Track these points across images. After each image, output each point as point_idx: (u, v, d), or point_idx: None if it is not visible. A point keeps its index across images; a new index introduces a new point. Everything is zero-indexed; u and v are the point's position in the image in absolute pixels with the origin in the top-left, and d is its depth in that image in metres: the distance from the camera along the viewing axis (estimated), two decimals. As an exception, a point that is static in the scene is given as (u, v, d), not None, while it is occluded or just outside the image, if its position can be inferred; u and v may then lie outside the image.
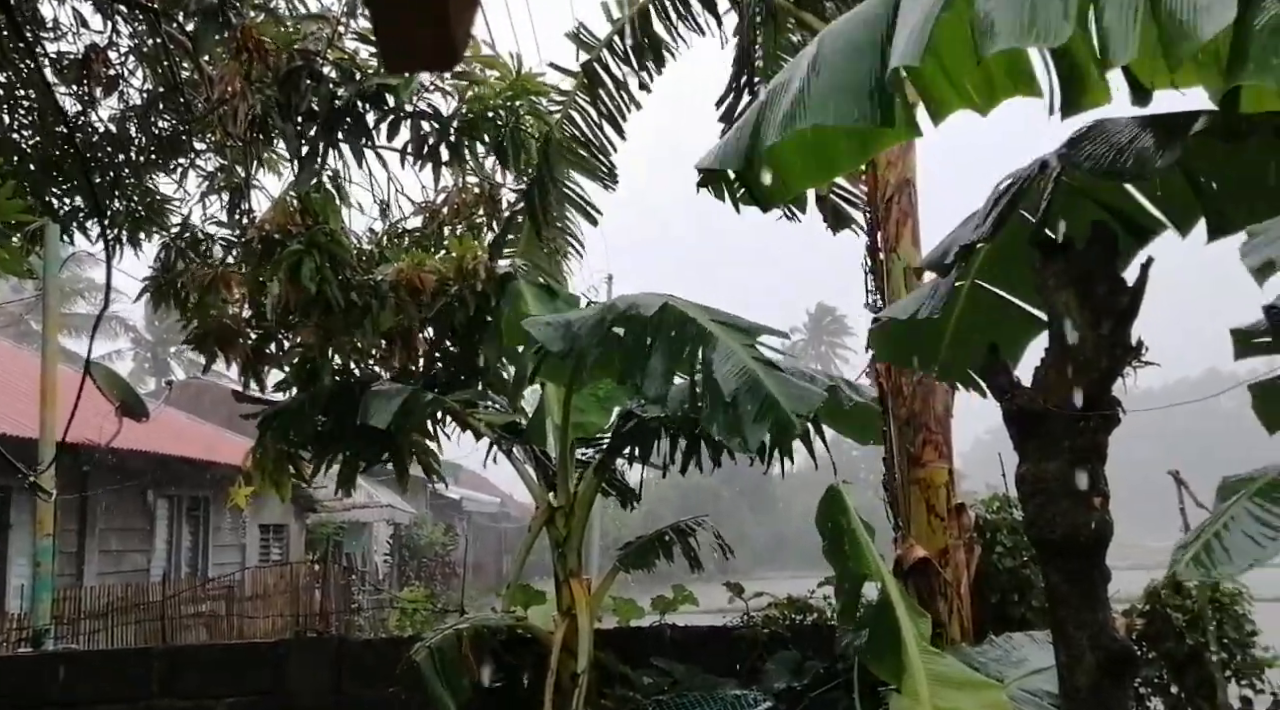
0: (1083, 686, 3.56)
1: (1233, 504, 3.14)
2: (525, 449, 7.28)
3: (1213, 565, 3.03)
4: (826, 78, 3.23)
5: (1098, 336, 3.60)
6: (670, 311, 5.16)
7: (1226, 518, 3.09)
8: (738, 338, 4.96)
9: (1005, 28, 3.02)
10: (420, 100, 7.01)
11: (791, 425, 4.39)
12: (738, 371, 4.69)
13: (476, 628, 6.66)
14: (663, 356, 5.02)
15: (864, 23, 3.36)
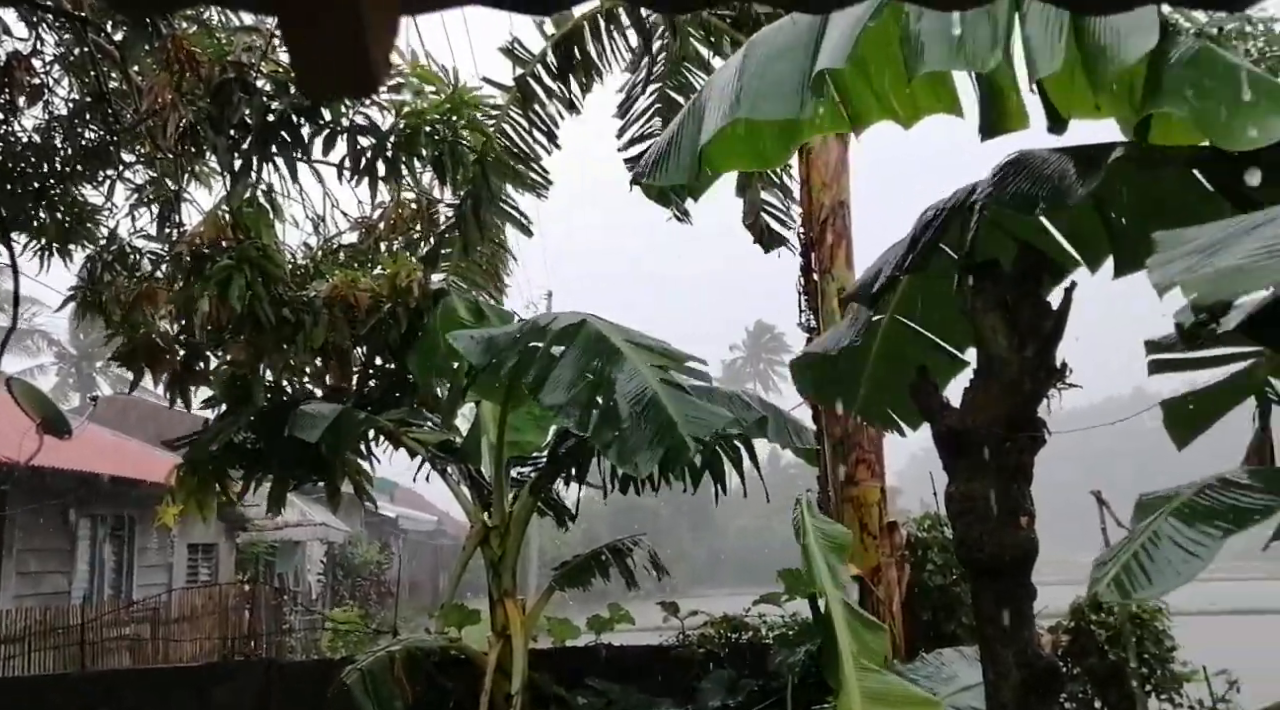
0: (1009, 703, 3.62)
1: (1150, 524, 3.22)
2: (460, 468, 7.21)
3: (1133, 588, 3.09)
4: (757, 77, 3.33)
5: (1023, 359, 3.68)
6: (586, 329, 5.24)
7: (1145, 538, 3.16)
8: (649, 360, 5.01)
9: (935, 50, 3.11)
10: (356, 114, 6.94)
11: (684, 450, 4.44)
12: (639, 393, 4.74)
13: (409, 649, 6.56)
14: (569, 370, 5.07)
15: (793, 29, 3.45)
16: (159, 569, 18.03)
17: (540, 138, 8.75)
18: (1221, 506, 3.06)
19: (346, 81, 0.95)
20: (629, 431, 4.58)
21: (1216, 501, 3.09)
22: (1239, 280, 2.10)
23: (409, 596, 27.89)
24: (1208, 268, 2.16)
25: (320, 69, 0.92)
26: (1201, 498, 3.13)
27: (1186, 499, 3.14)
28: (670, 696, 6.88)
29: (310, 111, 6.60)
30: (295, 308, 7.38)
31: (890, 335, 4.05)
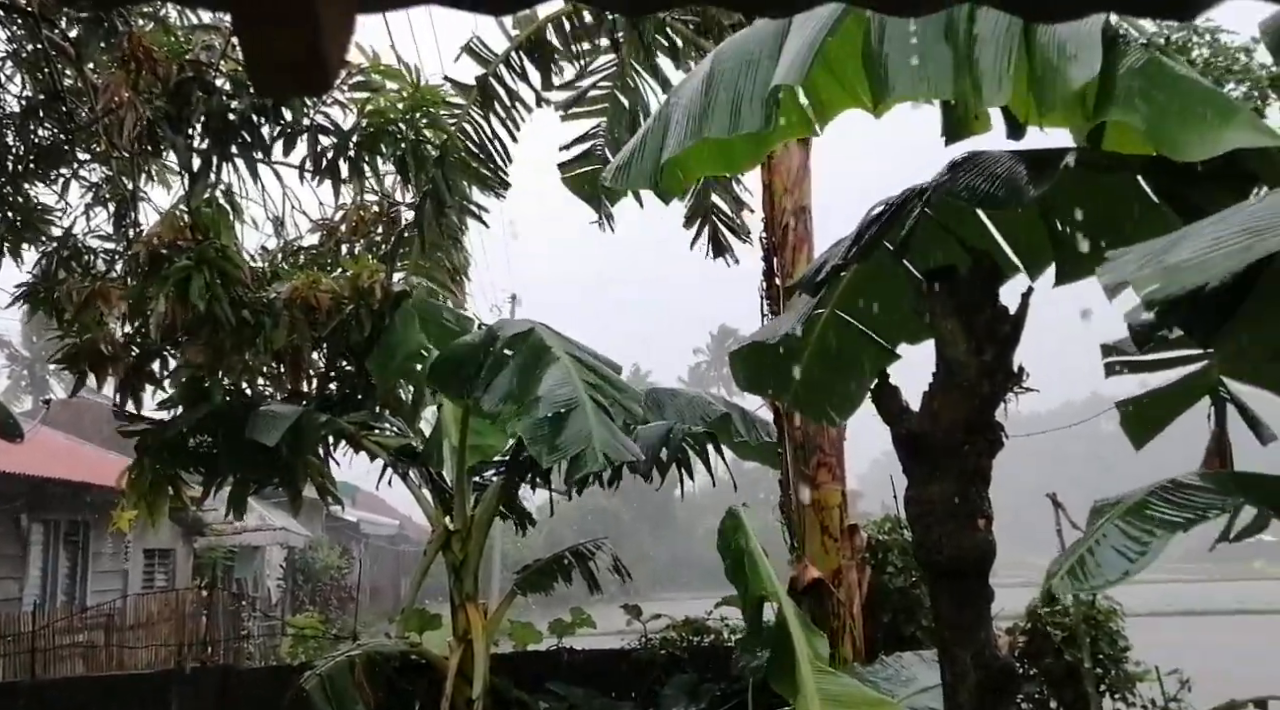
0: (966, 704, 3.66)
1: (1103, 523, 3.27)
2: (421, 471, 7.16)
3: (1085, 579, 3.15)
4: (724, 92, 3.38)
5: (981, 363, 3.72)
6: (533, 337, 5.35)
7: (1098, 536, 3.21)
8: (585, 375, 5.16)
9: (900, 79, 3.19)
10: (318, 114, 6.88)
11: (593, 463, 4.71)
12: (567, 399, 4.94)
13: (369, 654, 6.51)
14: (510, 375, 5.28)
15: (758, 38, 3.49)
16: (114, 575, 17.73)
17: (501, 138, 8.72)
18: (1170, 507, 3.12)
19: (301, 80, 0.93)
20: (547, 425, 4.78)
21: (1166, 502, 3.15)
22: (1189, 275, 2.14)
23: (371, 602, 27.66)
24: (1158, 265, 2.21)
25: (274, 67, 0.91)
26: (1152, 498, 3.19)
27: (1137, 500, 3.20)
28: (632, 700, 6.88)
29: (271, 111, 6.54)
30: (255, 309, 7.29)
31: (829, 328, 4.10)
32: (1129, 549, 3.17)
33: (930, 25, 3.19)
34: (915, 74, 3.20)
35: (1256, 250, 2.09)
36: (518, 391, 5.23)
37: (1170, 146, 3.00)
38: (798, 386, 4.34)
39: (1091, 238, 3.89)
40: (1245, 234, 2.16)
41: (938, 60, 3.16)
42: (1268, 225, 2.16)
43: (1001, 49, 3.08)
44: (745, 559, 4.33)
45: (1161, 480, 3.27)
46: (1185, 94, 3.06)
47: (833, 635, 6.46)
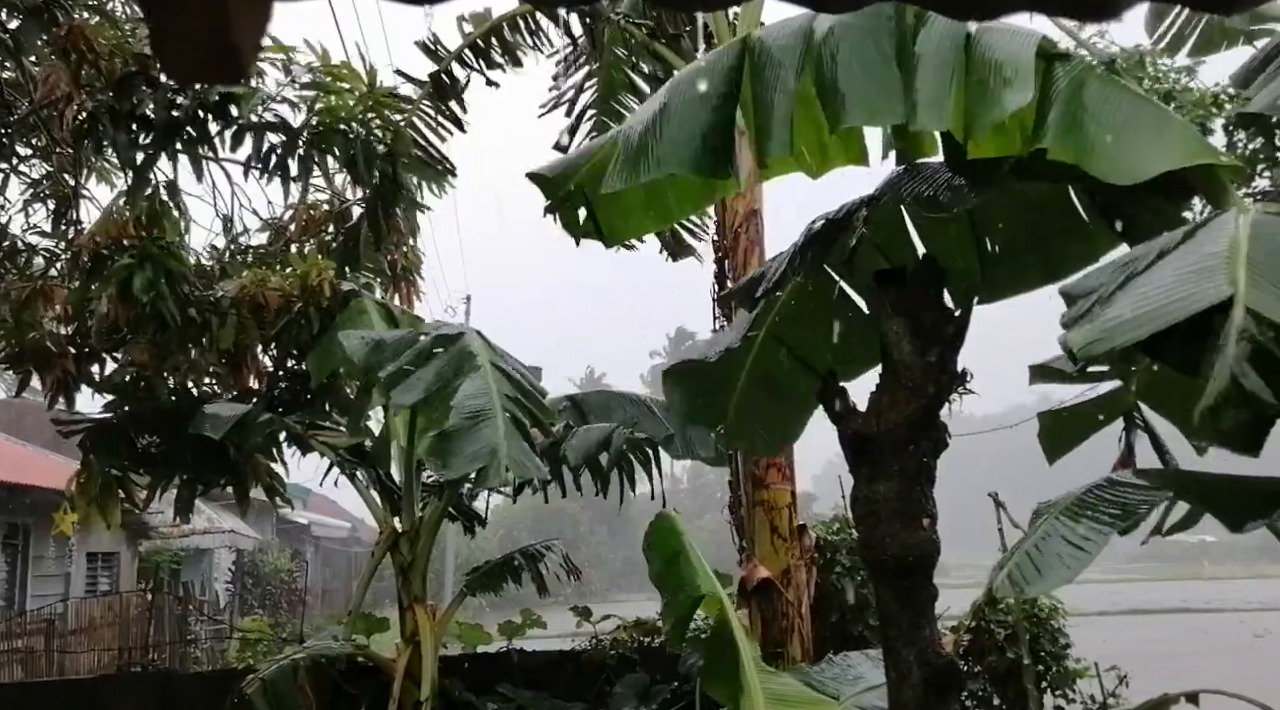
0: (910, 702, 3.70)
1: (1043, 523, 3.32)
2: (370, 472, 7.09)
3: (1025, 582, 3.19)
4: (673, 129, 3.33)
5: (925, 364, 3.77)
6: (460, 342, 5.50)
7: (1038, 537, 3.26)
8: (506, 388, 5.17)
9: (855, 107, 3.21)
10: (266, 111, 6.79)
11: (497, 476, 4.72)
12: (479, 409, 4.97)
13: (314, 657, 6.42)
14: (428, 375, 5.31)
15: (710, 74, 3.46)
16: (55, 579, 17.35)
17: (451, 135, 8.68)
18: (1108, 504, 3.17)
19: (212, 66, 0.92)
20: (454, 433, 4.81)
21: (1103, 500, 3.21)
22: (1124, 332, 2.21)
23: (322, 604, 27.35)
24: (1097, 322, 2.28)
25: (182, 52, 0.90)
26: (1089, 497, 3.24)
27: (1076, 498, 3.26)
28: (582, 701, 6.87)
29: (218, 107, 6.44)
30: (201, 308, 7.17)
31: (764, 353, 4.12)
32: (1069, 549, 3.21)
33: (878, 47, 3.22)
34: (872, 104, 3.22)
35: (1191, 306, 2.15)
36: (432, 396, 5.24)
37: (1106, 171, 3.06)
38: (732, 416, 4.35)
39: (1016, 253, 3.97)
40: (1177, 290, 2.22)
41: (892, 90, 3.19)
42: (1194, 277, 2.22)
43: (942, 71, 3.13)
44: (680, 559, 4.32)
45: (1098, 478, 3.33)
46: (1125, 115, 3.12)
47: (781, 635, 6.51)
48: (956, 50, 3.18)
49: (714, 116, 3.23)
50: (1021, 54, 3.07)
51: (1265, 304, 2.02)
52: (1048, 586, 3.25)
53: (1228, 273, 2.17)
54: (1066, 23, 5.41)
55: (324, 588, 31.80)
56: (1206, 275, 2.23)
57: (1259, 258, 2.22)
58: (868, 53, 3.19)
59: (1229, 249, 2.28)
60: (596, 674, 7.16)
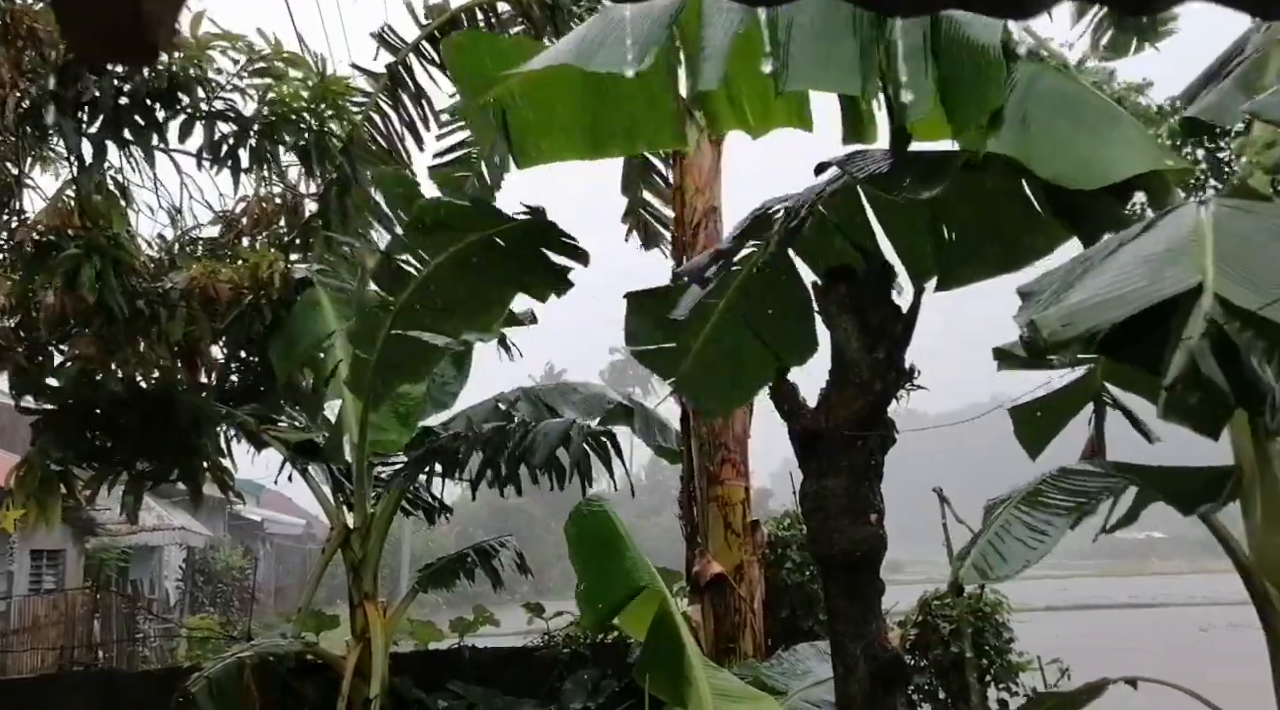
0: (856, 695, 3.74)
1: (1002, 513, 3.38)
2: (322, 467, 7.02)
3: (990, 569, 3.24)
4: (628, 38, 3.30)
5: (873, 361, 3.81)
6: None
7: (998, 526, 3.32)
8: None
9: (802, 69, 3.19)
10: (217, 100, 6.68)
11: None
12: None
13: (262, 655, 6.34)
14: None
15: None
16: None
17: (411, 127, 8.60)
18: (1065, 493, 3.23)
19: (122, 46, 0.90)
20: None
21: (1060, 489, 3.27)
22: (1087, 316, 2.24)
23: (276, 602, 27.03)
24: (1060, 306, 2.31)
25: (90, 30, 0.88)
26: (1045, 487, 3.30)
27: (1033, 488, 3.31)
28: (533, 698, 6.85)
29: (167, 95, 6.33)
30: (150, 299, 7.05)
31: (722, 323, 4.13)
32: (1031, 535, 3.27)
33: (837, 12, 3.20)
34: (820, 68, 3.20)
35: (1152, 296, 2.19)
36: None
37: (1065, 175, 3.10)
38: (689, 368, 4.33)
39: (974, 242, 4.01)
40: (1141, 276, 2.26)
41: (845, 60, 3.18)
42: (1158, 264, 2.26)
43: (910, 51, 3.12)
44: (610, 549, 4.29)
45: (1052, 469, 3.39)
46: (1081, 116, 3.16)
47: (734, 630, 6.54)
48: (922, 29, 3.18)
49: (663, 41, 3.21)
50: (991, 43, 3.06)
51: (1234, 292, 2.07)
52: (1012, 572, 3.30)
53: (1195, 261, 2.21)
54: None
55: (277, 585, 31.43)
56: (1172, 263, 2.26)
57: (1226, 247, 2.26)
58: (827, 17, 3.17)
59: (1194, 238, 2.32)
60: (548, 670, 7.15)
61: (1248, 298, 2.07)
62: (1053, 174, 3.05)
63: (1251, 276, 2.14)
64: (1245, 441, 3.13)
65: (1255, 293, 2.08)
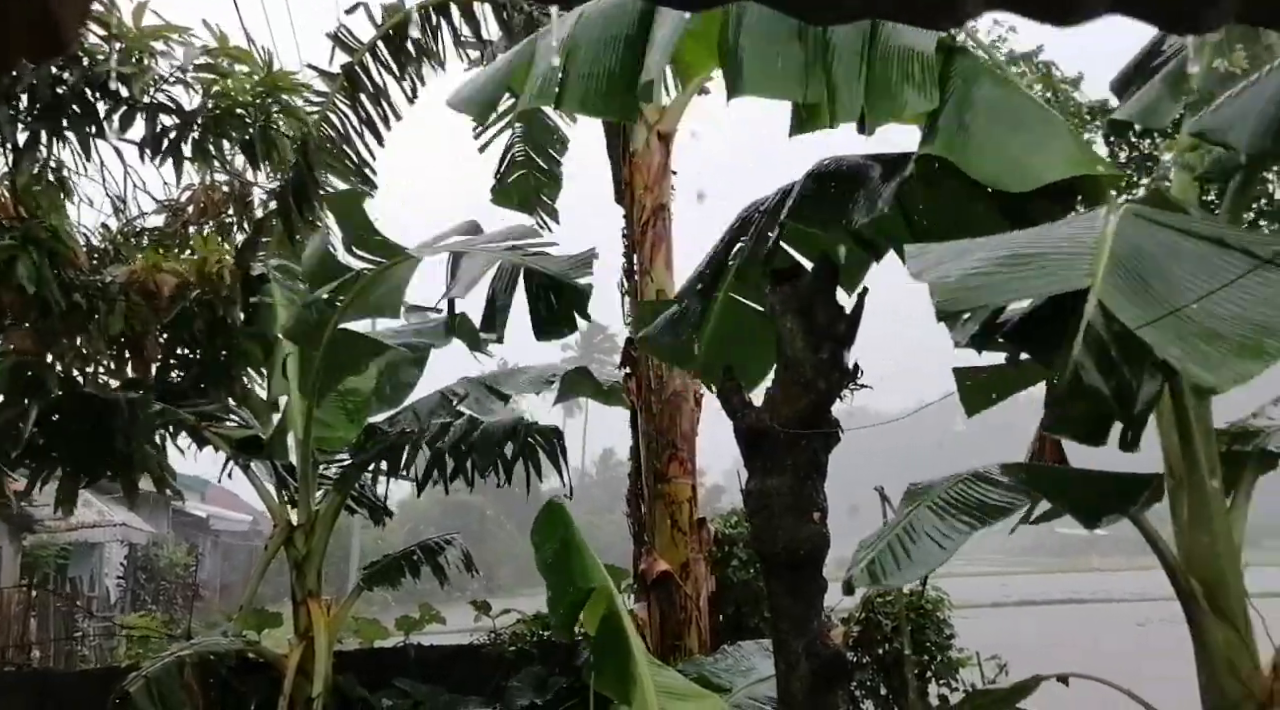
0: (798, 692, 3.78)
1: (907, 516, 3.42)
2: (266, 464, 6.93)
3: (884, 575, 3.28)
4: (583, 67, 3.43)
5: (817, 360, 3.86)
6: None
7: (900, 529, 3.35)
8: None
9: (753, 79, 3.28)
10: (159, 92, 6.56)
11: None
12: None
13: (202, 654, 6.25)
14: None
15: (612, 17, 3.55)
16: (-69, 574, 16.55)
17: (366, 128, 8.51)
18: (971, 501, 3.27)
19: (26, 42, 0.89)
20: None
21: (968, 496, 3.31)
22: (982, 294, 2.28)
23: (221, 599, 26.60)
24: (956, 272, 2.34)
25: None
26: (954, 492, 3.34)
27: (941, 493, 3.35)
28: (479, 696, 6.83)
29: (106, 86, 6.20)
30: (89, 293, 6.91)
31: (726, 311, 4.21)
32: (930, 546, 3.31)
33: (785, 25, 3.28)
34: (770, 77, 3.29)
35: (1053, 287, 2.24)
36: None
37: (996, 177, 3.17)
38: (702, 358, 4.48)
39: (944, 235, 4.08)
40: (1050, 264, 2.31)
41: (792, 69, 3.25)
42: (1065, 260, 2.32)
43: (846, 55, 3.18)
44: (568, 551, 4.33)
45: (964, 473, 3.44)
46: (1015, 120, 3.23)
47: (679, 627, 6.58)
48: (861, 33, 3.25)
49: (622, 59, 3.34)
50: (926, 48, 3.13)
51: (1115, 302, 2.12)
52: (905, 581, 3.35)
53: (1090, 264, 2.27)
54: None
55: (223, 582, 30.95)
56: (1071, 263, 2.32)
57: (1120, 254, 2.32)
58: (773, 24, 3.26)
59: (1095, 242, 2.38)
60: (495, 668, 7.13)
61: (1129, 311, 2.11)
62: (987, 176, 3.11)
63: (1138, 290, 2.19)
64: (1174, 443, 3.22)
65: (1137, 307, 2.12)
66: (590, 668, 4.89)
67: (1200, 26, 1.23)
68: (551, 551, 4.31)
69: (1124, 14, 1.23)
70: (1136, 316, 2.11)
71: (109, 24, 6.22)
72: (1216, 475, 3.20)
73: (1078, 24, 1.22)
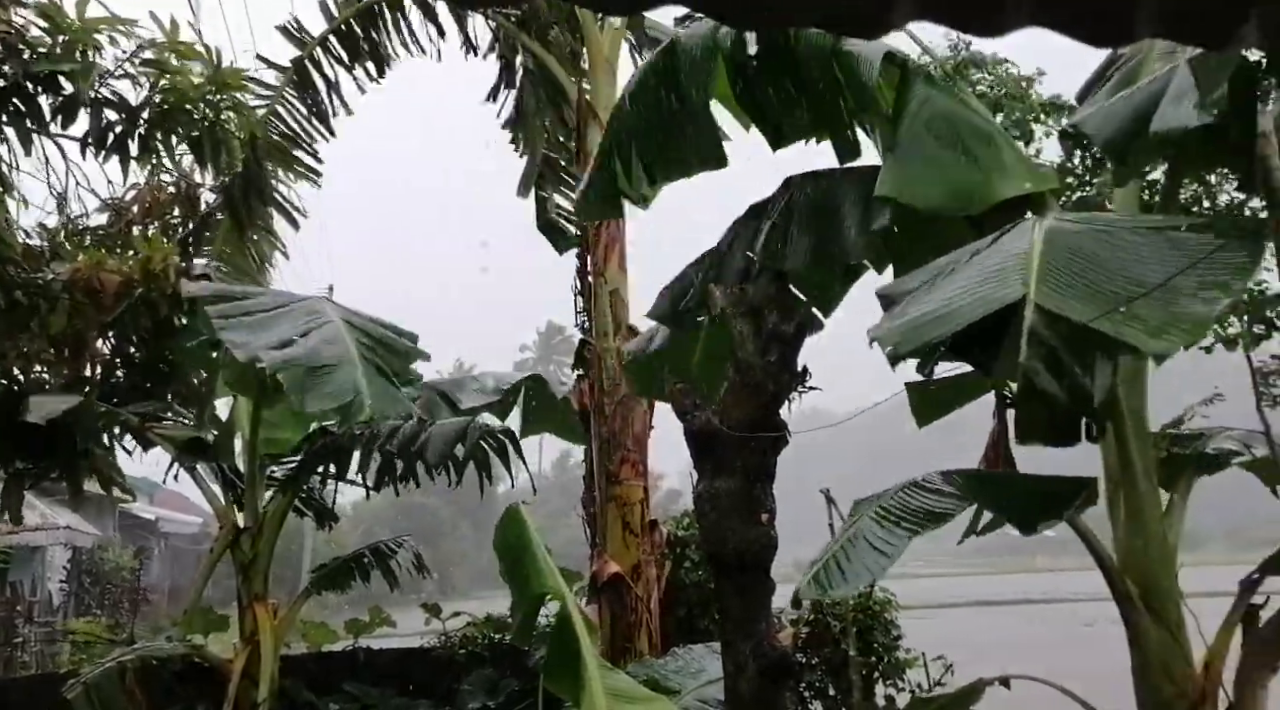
0: (746, 694, 3.79)
1: (852, 525, 3.45)
2: (212, 466, 6.82)
3: (830, 586, 3.31)
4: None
5: (767, 363, 3.88)
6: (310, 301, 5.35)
7: (845, 539, 3.38)
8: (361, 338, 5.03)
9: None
10: (104, 87, 6.44)
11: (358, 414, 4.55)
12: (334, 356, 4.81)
13: (144, 659, 6.14)
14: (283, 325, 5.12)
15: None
16: None
17: (316, 123, 8.42)
18: (912, 509, 3.31)
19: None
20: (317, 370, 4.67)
21: (908, 504, 3.35)
22: (929, 329, 2.33)
23: (170, 604, 26.12)
24: (901, 321, 2.39)
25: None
26: (895, 501, 3.38)
27: (884, 502, 3.39)
28: (430, 699, 6.79)
29: (47, 80, 6.08)
30: (29, 291, 6.77)
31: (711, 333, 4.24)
32: (873, 555, 3.34)
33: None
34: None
35: (980, 311, 2.29)
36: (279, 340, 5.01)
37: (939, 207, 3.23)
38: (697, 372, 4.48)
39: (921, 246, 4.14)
40: (973, 291, 2.36)
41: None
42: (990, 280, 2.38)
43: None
44: (526, 556, 4.33)
45: (904, 482, 3.48)
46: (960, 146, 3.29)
47: (630, 629, 6.57)
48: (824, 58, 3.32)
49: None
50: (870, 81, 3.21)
51: (1053, 301, 2.17)
52: (850, 590, 3.38)
53: (1021, 275, 2.32)
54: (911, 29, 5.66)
55: (172, 586, 30.38)
56: (1004, 277, 2.37)
57: (1050, 260, 2.37)
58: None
59: (1025, 253, 2.43)
60: (445, 671, 7.08)
61: (1073, 308, 2.18)
62: (935, 207, 3.18)
63: (1078, 286, 2.26)
64: (1112, 446, 3.28)
65: (1082, 302, 2.19)
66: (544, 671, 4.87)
67: (1119, 40, 1.26)
68: (511, 557, 4.30)
69: (1045, 27, 1.26)
70: (1084, 312, 2.17)
71: (52, 15, 6.10)
72: (1152, 478, 3.27)
73: (1001, 35, 1.24)
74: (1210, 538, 55.47)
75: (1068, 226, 2.57)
